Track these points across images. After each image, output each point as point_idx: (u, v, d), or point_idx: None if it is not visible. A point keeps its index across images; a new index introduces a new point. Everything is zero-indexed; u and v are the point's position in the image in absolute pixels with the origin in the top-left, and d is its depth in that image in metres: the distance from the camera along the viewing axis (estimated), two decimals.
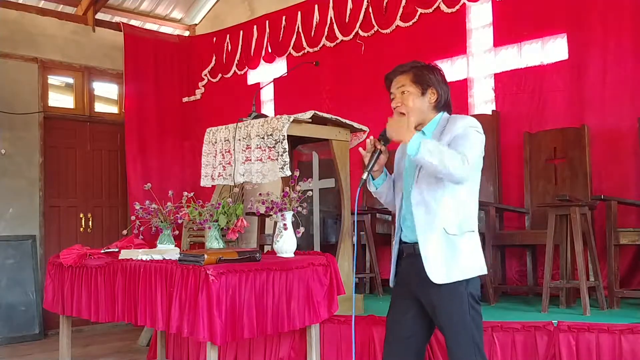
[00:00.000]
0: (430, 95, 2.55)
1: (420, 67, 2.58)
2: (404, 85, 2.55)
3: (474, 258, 2.46)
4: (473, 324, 2.42)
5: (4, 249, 6.33)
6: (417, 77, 2.54)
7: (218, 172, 3.91)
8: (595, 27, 4.60)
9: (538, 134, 4.75)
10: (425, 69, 2.57)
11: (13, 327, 6.19)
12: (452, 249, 2.42)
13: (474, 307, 2.44)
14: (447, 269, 2.40)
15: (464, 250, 2.43)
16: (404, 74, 2.57)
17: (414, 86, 2.54)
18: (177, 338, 4.47)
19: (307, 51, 6.30)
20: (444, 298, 2.43)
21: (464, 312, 2.41)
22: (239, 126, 3.80)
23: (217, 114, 6.85)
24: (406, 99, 2.54)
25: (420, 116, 2.54)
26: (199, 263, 2.98)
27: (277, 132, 3.55)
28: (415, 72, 2.55)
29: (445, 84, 2.59)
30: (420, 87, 2.54)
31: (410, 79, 2.55)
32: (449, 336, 2.45)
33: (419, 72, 2.55)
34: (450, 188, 2.43)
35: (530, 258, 4.63)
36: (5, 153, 6.47)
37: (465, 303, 2.42)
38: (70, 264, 3.77)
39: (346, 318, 3.66)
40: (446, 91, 2.58)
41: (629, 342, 3.02)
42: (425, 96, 2.54)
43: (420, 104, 2.54)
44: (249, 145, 3.71)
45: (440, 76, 2.59)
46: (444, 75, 2.61)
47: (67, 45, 6.99)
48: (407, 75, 2.56)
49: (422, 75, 2.55)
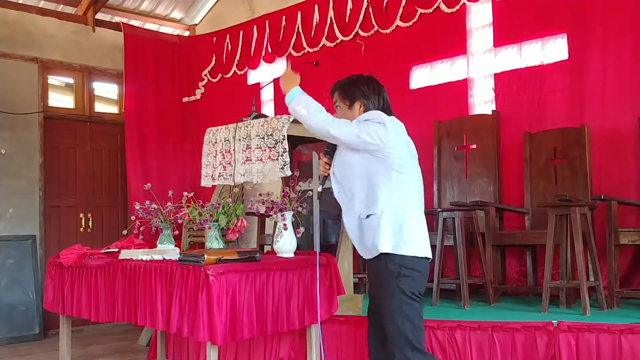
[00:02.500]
0: (358, 106, 2.84)
1: (344, 84, 2.90)
2: (336, 101, 2.92)
3: (382, 236, 2.67)
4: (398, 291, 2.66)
5: (4, 249, 6.33)
6: (343, 93, 2.89)
7: (218, 172, 3.91)
8: (595, 27, 4.60)
9: (538, 134, 4.75)
10: (350, 85, 2.88)
11: (13, 327, 6.19)
12: (362, 229, 2.72)
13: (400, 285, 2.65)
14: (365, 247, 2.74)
15: (374, 229, 2.68)
16: (336, 90, 2.93)
17: (342, 101, 2.89)
18: (177, 338, 4.47)
19: (307, 51, 6.30)
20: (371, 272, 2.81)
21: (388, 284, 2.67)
22: (239, 126, 3.80)
23: (217, 114, 6.84)
24: (338, 113, 2.89)
25: None
26: (199, 263, 2.99)
27: (277, 132, 3.55)
28: (340, 91, 2.89)
29: (375, 93, 2.85)
30: (348, 100, 2.86)
31: (339, 96, 2.90)
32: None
33: (344, 88, 2.89)
34: (358, 174, 2.74)
35: (530, 258, 4.62)
36: (5, 153, 6.47)
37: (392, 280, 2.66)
38: (70, 264, 3.77)
39: (346, 318, 3.66)
40: (376, 99, 2.84)
41: (629, 342, 3.02)
42: (354, 109, 2.84)
43: (350, 115, 2.83)
44: (249, 145, 3.71)
45: (369, 87, 2.85)
46: (374, 86, 2.87)
47: (67, 45, 6.98)
48: (337, 92, 2.91)
49: (347, 91, 2.87)
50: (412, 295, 2.65)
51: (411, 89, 5.56)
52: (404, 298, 2.63)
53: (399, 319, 2.63)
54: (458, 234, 4.27)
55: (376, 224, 2.66)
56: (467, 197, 4.90)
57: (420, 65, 5.53)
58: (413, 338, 2.63)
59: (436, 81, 5.43)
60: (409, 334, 2.62)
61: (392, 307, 2.65)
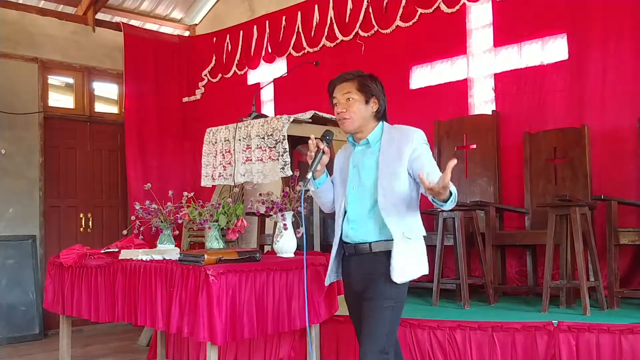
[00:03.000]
0: (373, 104, 2.66)
1: (365, 76, 2.68)
2: (349, 92, 2.65)
3: (421, 262, 2.63)
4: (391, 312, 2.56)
5: (4, 249, 6.33)
6: (362, 85, 2.64)
7: (219, 172, 3.92)
8: (595, 27, 4.60)
9: (538, 134, 4.75)
10: (369, 79, 2.67)
11: (13, 327, 6.19)
12: (408, 251, 2.57)
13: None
14: (403, 270, 2.56)
15: (416, 254, 2.61)
16: (350, 81, 2.66)
17: (359, 94, 2.64)
18: (177, 338, 4.47)
19: (307, 51, 6.30)
20: (380, 286, 2.58)
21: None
22: (239, 126, 3.80)
23: (217, 114, 6.84)
24: (351, 106, 2.64)
25: (362, 123, 2.67)
26: (199, 263, 2.99)
27: (277, 132, 3.55)
28: (361, 81, 2.65)
29: (384, 95, 2.70)
30: (364, 95, 2.64)
31: (355, 86, 2.65)
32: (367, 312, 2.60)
33: (364, 80, 2.66)
34: (407, 196, 2.59)
35: (530, 258, 4.62)
36: (5, 153, 6.47)
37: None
38: (70, 264, 3.77)
39: (346, 318, 3.66)
40: (385, 101, 2.70)
41: (629, 342, 3.02)
42: (369, 105, 2.65)
43: (364, 112, 2.65)
44: (249, 145, 3.71)
45: (381, 87, 2.70)
46: (383, 87, 2.71)
47: (67, 45, 6.98)
48: (353, 83, 2.65)
49: (366, 84, 2.65)
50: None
51: (411, 89, 5.56)
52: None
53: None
54: (458, 234, 4.27)
55: (422, 247, 2.65)
56: (467, 197, 4.90)
57: (420, 65, 5.53)
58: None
59: (436, 81, 5.43)
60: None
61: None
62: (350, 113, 2.64)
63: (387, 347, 2.52)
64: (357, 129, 2.68)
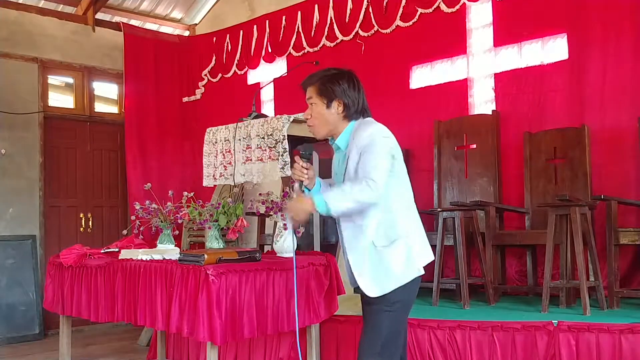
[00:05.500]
0: (336, 106, 2.54)
1: (327, 77, 2.56)
2: (311, 97, 2.58)
3: (397, 268, 2.47)
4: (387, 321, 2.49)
5: (4, 249, 6.33)
6: (321, 89, 2.55)
7: (219, 172, 3.92)
8: (595, 27, 4.60)
9: (538, 134, 4.75)
10: (331, 80, 2.55)
11: (13, 327, 6.19)
12: (378, 262, 2.46)
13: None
14: (372, 286, 2.47)
15: (392, 261, 2.46)
16: (311, 85, 2.59)
17: (319, 98, 2.55)
18: (177, 338, 4.48)
19: (307, 51, 6.30)
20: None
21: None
22: (239, 126, 3.80)
23: (217, 114, 6.84)
24: (313, 111, 2.57)
25: (327, 127, 2.58)
26: (199, 263, 2.99)
27: (277, 132, 3.55)
28: (320, 85, 2.56)
29: (354, 91, 2.55)
30: (325, 98, 2.54)
31: (315, 91, 2.57)
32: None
33: (325, 83, 2.55)
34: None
35: (530, 258, 4.63)
36: (5, 153, 6.46)
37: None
38: (70, 264, 3.77)
39: (346, 318, 3.66)
40: (356, 98, 2.55)
41: (629, 342, 3.02)
42: (331, 108, 2.54)
43: (327, 116, 2.55)
44: (249, 145, 3.71)
45: (348, 85, 2.55)
46: (354, 83, 2.57)
47: (67, 45, 6.98)
48: (314, 88, 2.58)
49: (325, 88, 2.54)
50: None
51: (411, 89, 5.55)
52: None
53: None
54: (458, 234, 4.27)
55: (402, 250, 2.50)
56: (467, 197, 4.90)
57: (420, 65, 5.53)
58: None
59: (436, 81, 5.43)
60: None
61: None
62: (313, 120, 2.58)
63: (383, 351, 2.47)
64: (327, 134, 2.59)
